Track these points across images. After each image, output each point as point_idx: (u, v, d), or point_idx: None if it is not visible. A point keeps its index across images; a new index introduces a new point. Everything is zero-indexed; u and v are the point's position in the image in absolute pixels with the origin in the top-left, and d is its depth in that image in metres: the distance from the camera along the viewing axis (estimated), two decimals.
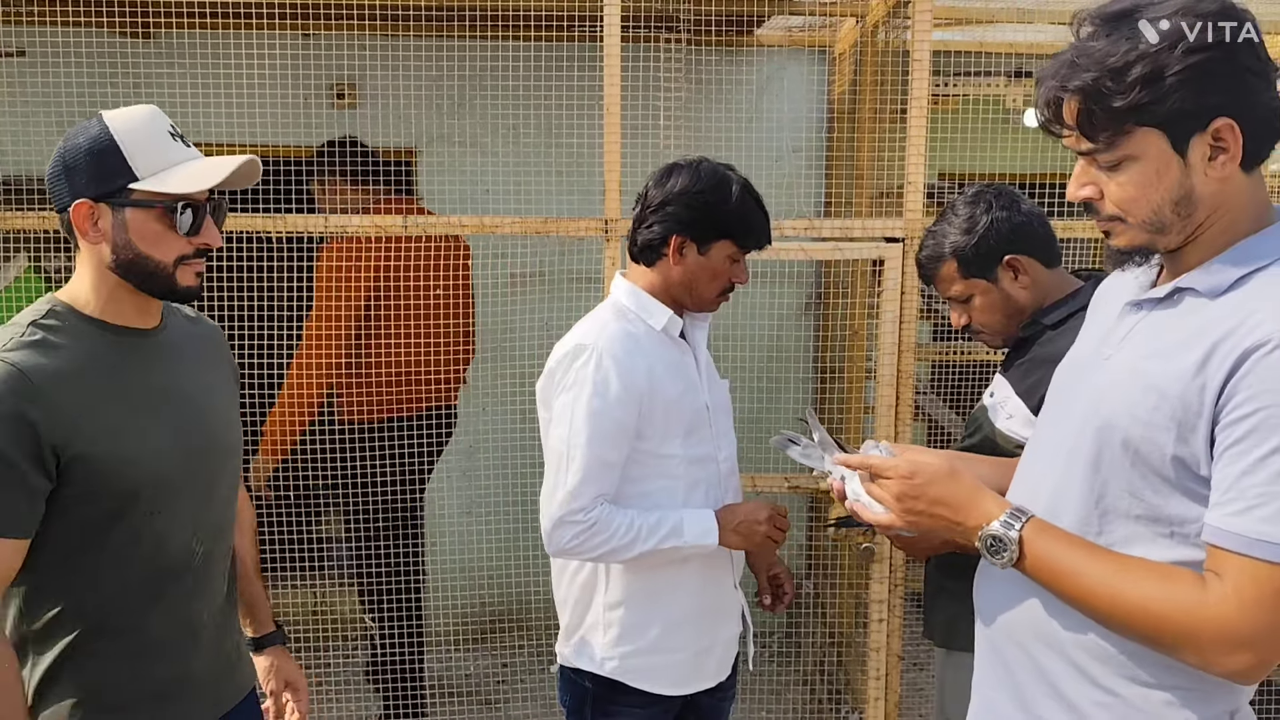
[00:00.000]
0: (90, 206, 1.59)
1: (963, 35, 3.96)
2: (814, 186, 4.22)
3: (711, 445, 2.14)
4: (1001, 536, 1.35)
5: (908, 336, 3.04)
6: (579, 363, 1.99)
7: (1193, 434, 1.25)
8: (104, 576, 1.62)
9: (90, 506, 1.59)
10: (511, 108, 3.98)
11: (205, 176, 1.61)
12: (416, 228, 3.00)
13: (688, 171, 2.05)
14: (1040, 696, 1.41)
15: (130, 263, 1.61)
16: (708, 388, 2.17)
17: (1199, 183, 1.28)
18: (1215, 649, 1.20)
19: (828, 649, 4.00)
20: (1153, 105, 1.24)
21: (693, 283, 2.07)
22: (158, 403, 1.68)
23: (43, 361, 1.55)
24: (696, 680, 2.16)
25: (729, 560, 2.17)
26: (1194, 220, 1.30)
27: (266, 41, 3.42)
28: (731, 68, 4.16)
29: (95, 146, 1.58)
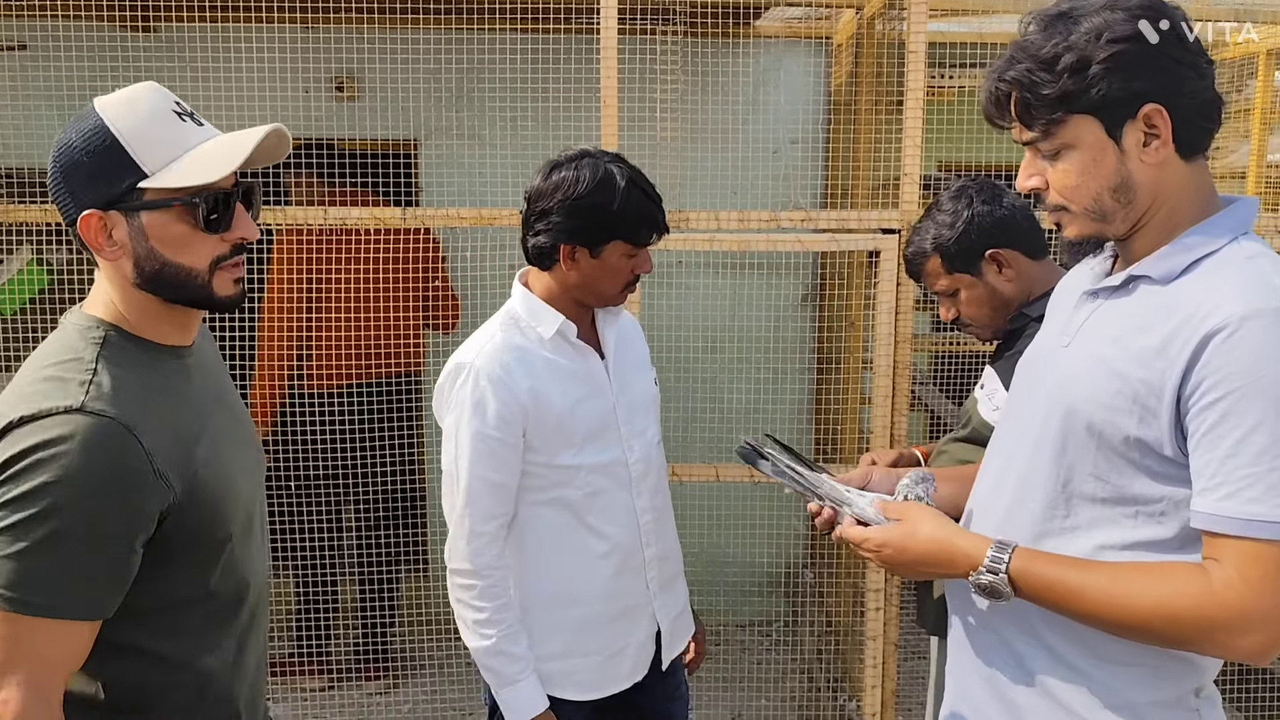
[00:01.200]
0: (100, 217, 1.34)
1: (960, 26, 3.96)
2: (812, 178, 4.23)
3: (619, 449, 2.07)
4: (992, 583, 1.36)
5: (903, 327, 3.06)
6: (458, 383, 1.96)
7: (1154, 417, 1.29)
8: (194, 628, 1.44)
9: (192, 553, 1.40)
10: (510, 100, 4.00)
11: (226, 159, 1.35)
12: (415, 219, 3.02)
13: (569, 172, 1.94)
14: (1013, 680, 1.44)
15: (158, 274, 1.37)
16: (619, 388, 2.09)
17: (1135, 169, 1.33)
18: (1231, 633, 1.22)
19: (825, 637, 4.02)
20: (1081, 93, 1.30)
21: (591, 285, 2.00)
22: (224, 423, 1.50)
23: (131, 406, 1.31)
24: (610, 683, 2.11)
25: (641, 561, 2.11)
26: (1135, 207, 1.36)
27: (267, 34, 3.43)
28: (729, 59, 4.17)
29: (92, 145, 1.33)
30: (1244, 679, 3.55)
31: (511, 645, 1.97)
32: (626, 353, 2.16)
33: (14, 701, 1.27)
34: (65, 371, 1.31)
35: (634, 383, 2.14)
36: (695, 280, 4.23)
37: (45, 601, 1.26)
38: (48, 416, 1.25)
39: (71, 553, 1.25)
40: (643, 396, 2.16)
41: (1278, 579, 1.20)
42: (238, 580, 1.50)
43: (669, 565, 2.20)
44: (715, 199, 4.00)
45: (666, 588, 2.19)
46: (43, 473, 1.23)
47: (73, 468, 1.23)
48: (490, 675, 1.99)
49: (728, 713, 3.80)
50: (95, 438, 1.25)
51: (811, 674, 4.02)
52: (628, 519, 2.09)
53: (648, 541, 2.12)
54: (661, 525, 2.18)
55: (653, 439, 2.18)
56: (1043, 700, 1.41)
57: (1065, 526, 1.39)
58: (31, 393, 1.29)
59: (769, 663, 4.20)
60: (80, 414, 1.26)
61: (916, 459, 2.43)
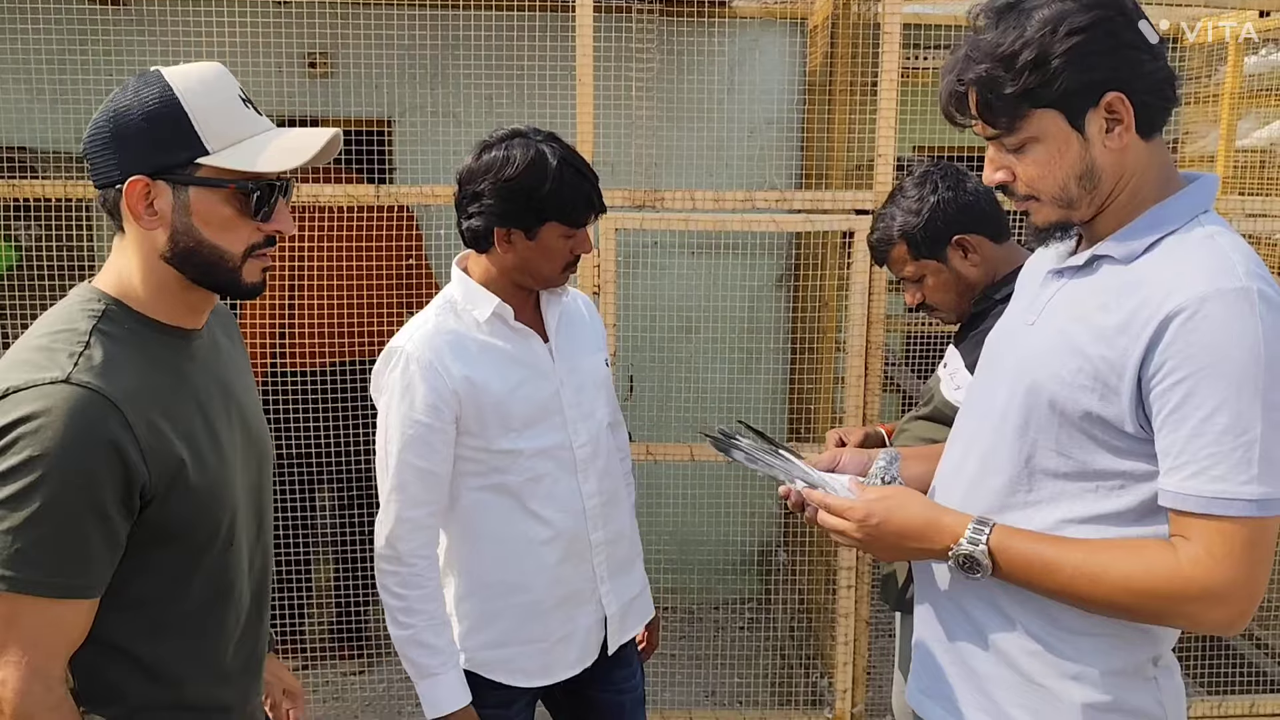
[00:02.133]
0: (147, 184, 1.32)
1: (935, 9, 3.97)
2: (788, 159, 4.24)
3: (563, 433, 2.03)
4: (972, 554, 1.38)
5: (876, 308, 3.08)
6: (389, 368, 1.94)
7: (1115, 395, 1.31)
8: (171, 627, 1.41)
9: (176, 546, 1.37)
10: (485, 78, 3.98)
11: (291, 154, 1.36)
12: (389, 196, 3.00)
13: (499, 152, 1.91)
14: (975, 650, 1.47)
15: (190, 251, 1.35)
16: (565, 371, 2.06)
17: (1099, 155, 1.36)
18: (1199, 607, 1.26)
19: (799, 615, 4.06)
20: (1043, 88, 1.32)
21: (529, 267, 1.97)
22: (226, 414, 1.48)
23: (121, 380, 1.29)
24: (555, 670, 2.08)
25: (587, 546, 2.08)
26: (1100, 191, 1.38)
27: (239, 9, 3.40)
28: (705, 39, 4.16)
29: (156, 111, 1.31)
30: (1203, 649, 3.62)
31: (432, 636, 1.94)
32: (573, 334, 2.12)
33: (12, 680, 1.25)
34: (56, 342, 1.29)
35: (581, 364, 2.10)
36: (670, 261, 4.24)
37: (36, 578, 1.24)
38: (33, 388, 1.24)
39: (59, 527, 1.24)
40: (591, 378, 2.12)
41: (1242, 554, 1.24)
42: (227, 581, 1.46)
43: (620, 549, 2.16)
44: (691, 179, 4.00)
45: (618, 572, 2.15)
46: (27, 447, 1.22)
47: (55, 440, 1.22)
48: (409, 666, 1.96)
49: (702, 690, 3.84)
50: (78, 410, 1.24)
51: (785, 651, 4.06)
52: (572, 503, 2.05)
53: (594, 526, 2.09)
54: (612, 509, 2.14)
55: (602, 420, 2.13)
56: (1003, 669, 1.44)
57: (1028, 500, 1.42)
58: (21, 362, 1.28)
59: (743, 641, 4.24)
60: (65, 384, 1.24)
61: (883, 437, 2.45)
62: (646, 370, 4.23)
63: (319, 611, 4.15)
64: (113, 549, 1.29)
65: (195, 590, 1.41)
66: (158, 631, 1.39)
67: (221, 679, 1.49)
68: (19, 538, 1.23)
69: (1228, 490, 1.23)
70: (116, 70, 3.46)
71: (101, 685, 1.36)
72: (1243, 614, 1.27)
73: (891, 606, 2.40)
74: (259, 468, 1.56)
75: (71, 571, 1.26)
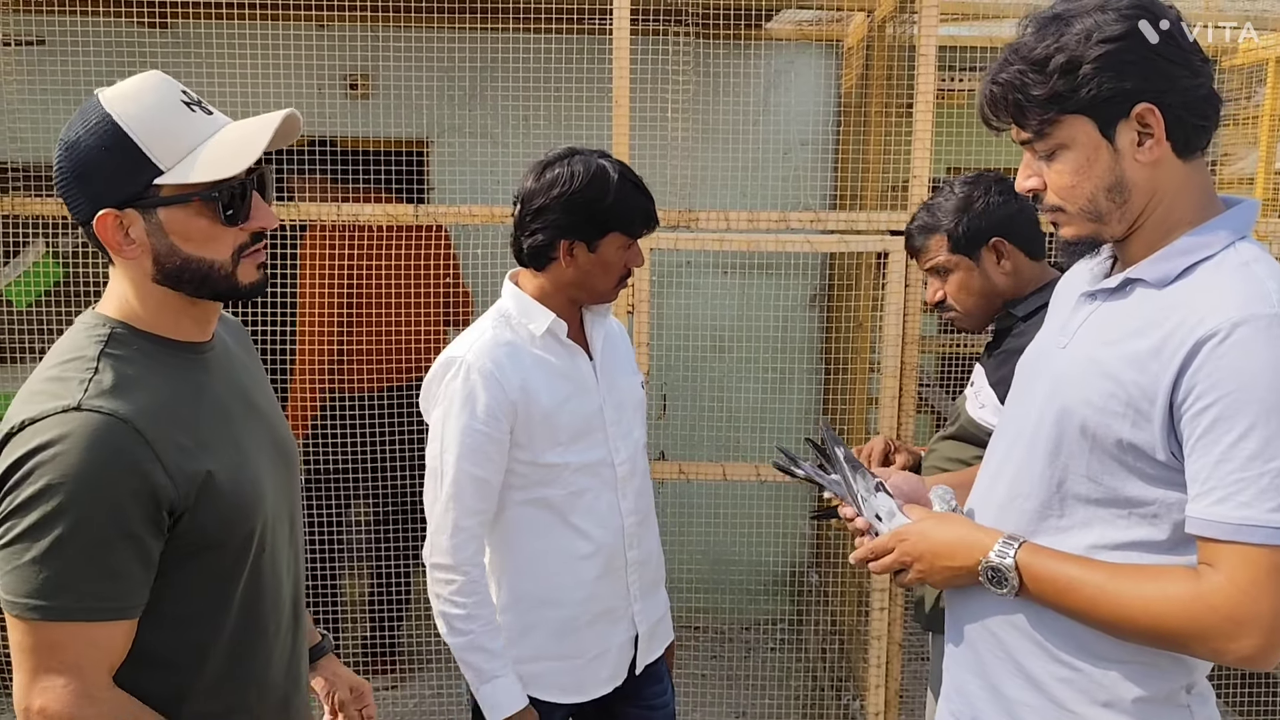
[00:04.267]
0: (116, 216, 1.31)
1: (970, 30, 3.98)
2: (822, 180, 4.25)
3: (605, 449, 2.07)
4: (999, 566, 1.38)
5: (911, 329, 3.07)
6: (449, 377, 1.96)
7: (1147, 421, 1.30)
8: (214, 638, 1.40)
9: (212, 556, 1.37)
10: (522, 99, 4.02)
11: (242, 153, 1.33)
12: (427, 216, 3.04)
13: (561, 169, 1.96)
14: (1006, 675, 1.46)
15: (179, 270, 1.35)
16: (606, 389, 2.10)
17: (1129, 168, 1.34)
18: (1221, 637, 1.23)
19: (830, 637, 4.04)
20: (1072, 93, 1.31)
21: (586, 280, 2.01)
22: (248, 421, 1.47)
23: (135, 401, 1.29)
24: (590, 687, 2.10)
25: (624, 564, 2.11)
26: (1131, 207, 1.36)
27: (281, 32, 3.46)
28: (740, 61, 4.18)
29: (102, 143, 1.29)
30: (1242, 678, 3.56)
31: (490, 641, 1.98)
32: (613, 355, 2.16)
33: (54, 704, 1.25)
34: (67, 371, 1.30)
35: (620, 384, 2.15)
36: (704, 281, 4.25)
37: (69, 604, 1.24)
38: (47, 418, 1.24)
39: (85, 551, 1.24)
40: (630, 398, 2.17)
41: (1268, 583, 1.21)
42: (265, 587, 1.46)
43: (650, 570, 2.19)
44: (725, 199, 4.01)
45: (647, 593, 2.17)
46: (45, 474, 1.22)
47: (73, 466, 1.22)
48: (469, 671, 1.99)
49: (733, 711, 3.82)
50: (93, 434, 1.24)
51: (816, 674, 4.03)
52: (612, 520, 2.08)
53: (630, 544, 2.11)
54: (644, 529, 2.16)
55: (639, 440, 2.18)
56: (1034, 695, 1.43)
57: (1059, 526, 1.40)
58: (35, 394, 1.29)
59: (774, 662, 4.22)
60: (78, 411, 1.25)
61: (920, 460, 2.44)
62: (679, 389, 4.24)
63: (352, 626, 4.17)
64: (146, 567, 1.29)
65: (235, 599, 1.41)
66: (201, 643, 1.39)
67: (266, 686, 1.49)
68: (46, 565, 1.23)
69: (1254, 517, 1.21)
70: None
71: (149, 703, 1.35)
72: (1270, 647, 1.23)
73: (924, 626, 2.39)
74: (287, 472, 1.56)
75: (104, 594, 1.26)
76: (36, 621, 1.24)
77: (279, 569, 1.51)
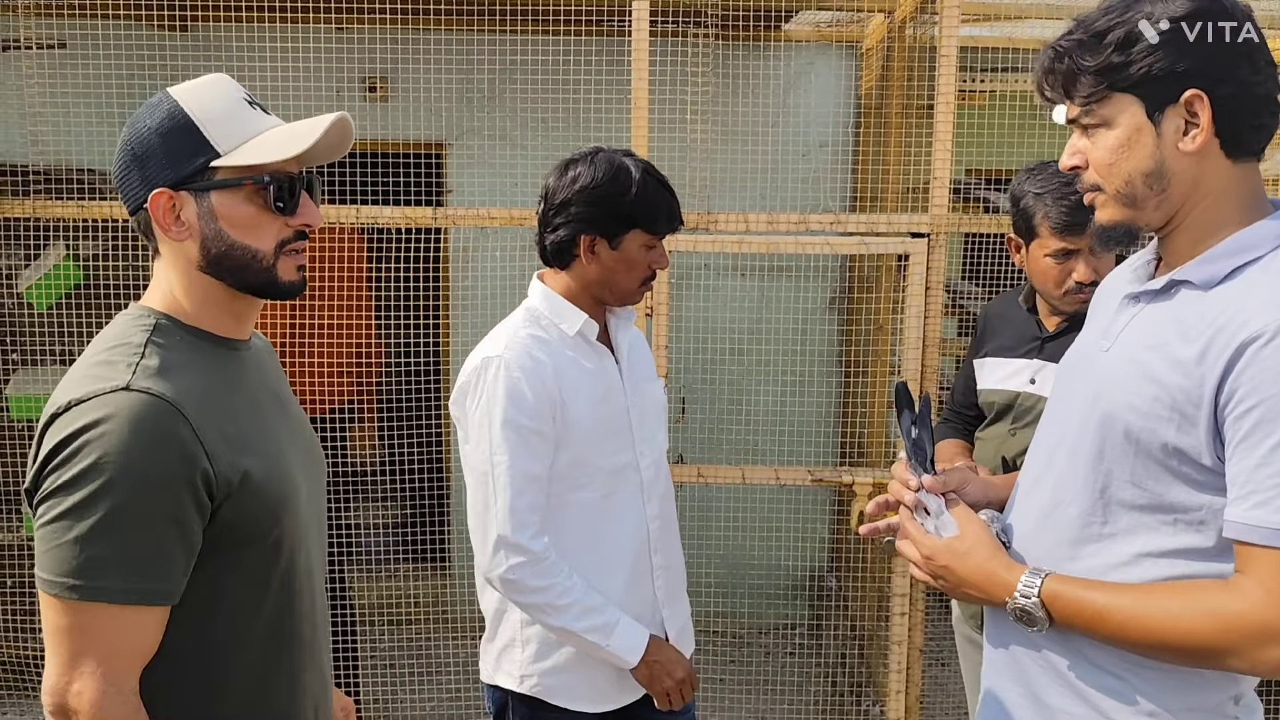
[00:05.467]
0: (170, 196, 1.35)
1: (991, 31, 3.95)
2: (841, 181, 4.23)
3: (631, 453, 2.05)
4: (1025, 607, 1.36)
5: (932, 331, 3.05)
6: (489, 376, 1.92)
7: (1193, 425, 1.27)
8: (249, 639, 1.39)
9: (249, 551, 1.37)
10: (540, 101, 4.02)
11: (295, 140, 1.37)
12: (445, 219, 3.04)
13: (584, 166, 1.96)
14: (1048, 684, 1.42)
15: (223, 256, 1.37)
16: (632, 392, 2.08)
17: (1170, 156, 1.31)
18: (1253, 646, 1.20)
19: (850, 642, 4.01)
20: (1124, 67, 1.29)
21: (610, 278, 1.99)
22: (283, 421, 1.49)
23: (182, 386, 1.30)
24: (620, 695, 2.07)
25: (649, 569, 2.08)
26: (1169, 198, 1.33)
27: (300, 35, 3.47)
28: (759, 62, 4.17)
29: (166, 126, 1.35)
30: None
31: (590, 598, 1.93)
32: (637, 358, 2.15)
33: (88, 692, 1.24)
34: (114, 355, 1.31)
35: (644, 389, 2.13)
36: (721, 283, 4.24)
37: (108, 585, 1.24)
38: (95, 398, 1.25)
39: (129, 532, 1.23)
40: (654, 403, 2.15)
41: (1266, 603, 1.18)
42: (298, 587, 1.45)
43: (673, 575, 2.16)
44: (744, 201, 4.00)
45: (672, 599, 2.15)
46: (91, 452, 1.22)
47: (120, 444, 1.22)
48: (590, 636, 1.92)
49: (752, 716, 3.80)
50: (142, 413, 1.24)
51: (835, 679, 4.01)
52: (638, 526, 2.06)
53: (655, 549, 2.09)
54: (667, 534, 2.14)
55: (662, 445, 2.16)
56: (1076, 703, 1.39)
57: (1103, 533, 1.37)
58: (82, 377, 1.30)
59: (792, 667, 4.19)
60: (126, 392, 1.25)
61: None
62: (697, 392, 4.22)
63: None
64: (187, 551, 1.28)
65: (269, 599, 1.40)
66: (235, 644, 1.38)
67: (299, 690, 1.48)
68: (87, 546, 1.22)
69: (1261, 519, 1.18)
70: None
71: (182, 701, 1.35)
72: None
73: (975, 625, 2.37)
74: (316, 476, 1.57)
75: (145, 576, 1.25)
76: (74, 602, 1.24)
77: (311, 571, 1.49)
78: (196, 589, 1.32)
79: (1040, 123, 3.87)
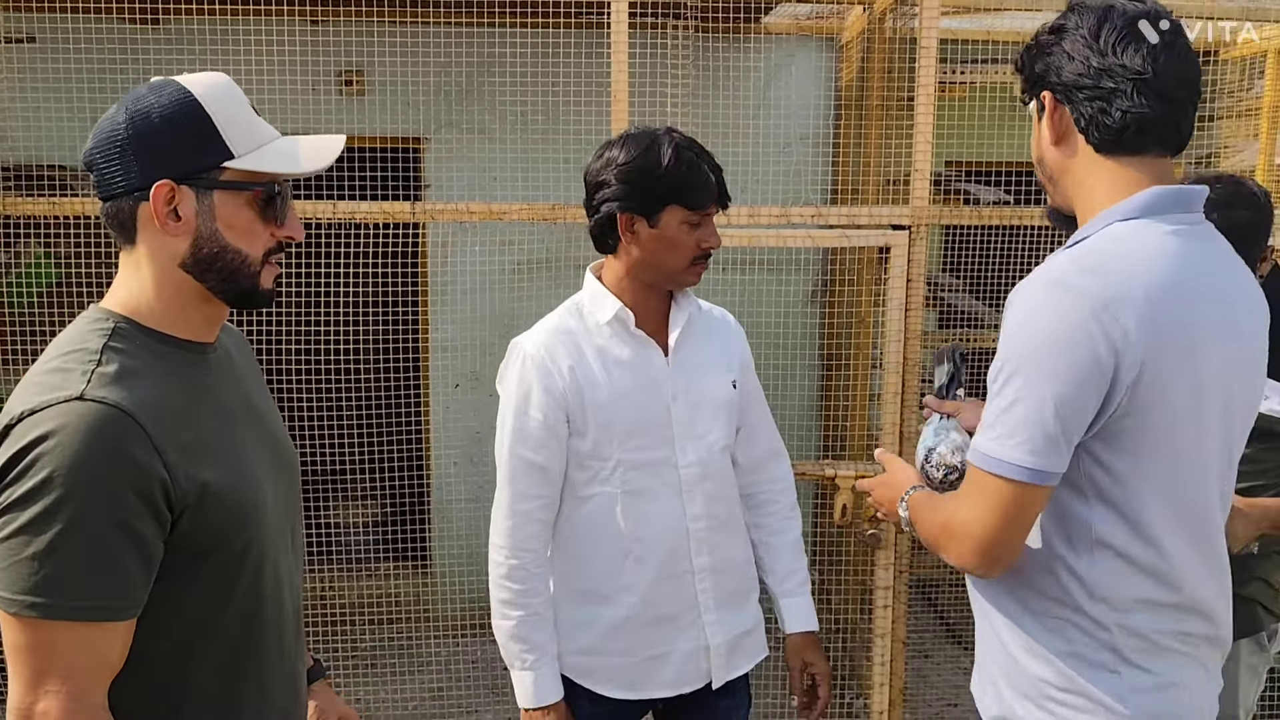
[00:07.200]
0: (172, 189, 1.30)
1: (970, 24, 3.96)
2: (821, 174, 4.23)
3: (669, 449, 1.99)
4: (903, 515, 1.64)
5: (913, 324, 3.05)
6: (508, 363, 2.01)
7: None
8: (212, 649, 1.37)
9: (210, 562, 1.33)
10: (519, 95, 3.99)
11: (314, 157, 1.37)
12: (424, 213, 3.01)
13: (617, 147, 1.94)
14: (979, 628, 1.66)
15: (215, 257, 1.34)
16: (682, 386, 2.01)
17: (1045, 149, 1.52)
18: (958, 547, 1.46)
19: (833, 635, 4.02)
20: (1023, 69, 1.52)
21: (654, 259, 1.95)
22: (250, 427, 1.45)
23: (138, 394, 1.26)
24: (649, 687, 2.04)
25: (689, 569, 2.02)
26: (1054, 182, 1.53)
27: (275, 28, 3.43)
28: (739, 55, 4.16)
29: (177, 115, 1.30)
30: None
31: (531, 631, 1.98)
32: (702, 348, 2.08)
33: (53, 711, 1.21)
34: (69, 362, 1.27)
35: (701, 381, 2.05)
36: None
37: (68, 603, 1.20)
38: (49, 408, 1.21)
39: (86, 547, 1.20)
40: (711, 398, 2.06)
41: (990, 503, 1.42)
42: (265, 597, 1.42)
43: (730, 580, 2.08)
44: None
45: (726, 604, 2.07)
46: (44, 467, 1.19)
47: (73, 457, 1.19)
48: (506, 655, 2.02)
49: None
50: (96, 424, 1.20)
51: None
52: (674, 523, 2.00)
53: (698, 550, 2.02)
54: (720, 535, 2.06)
55: (716, 443, 2.06)
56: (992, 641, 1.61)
57: None
58: (36, 384, 1.26)
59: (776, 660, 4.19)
60: (79, 402, 1.21)
61: None
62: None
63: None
64: (146, 565, 1.25)
65: (233, 608, 1.38)
66: (199, 654, 1.35)
67: (266, 700, 1.46)
68: (46, 562, 1.19)
69: (990, 449, 1.41)
70: None
71: (147, 713, 1.33)
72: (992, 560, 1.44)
73: None
74: (288, 480, 1.53)
75: (104, 592, 1.22)
76: (34, 620, 1.20)
77: (280, 579, 1.46)
78: (156, 599, 1.29)
79: (1019, 115, 3.88)
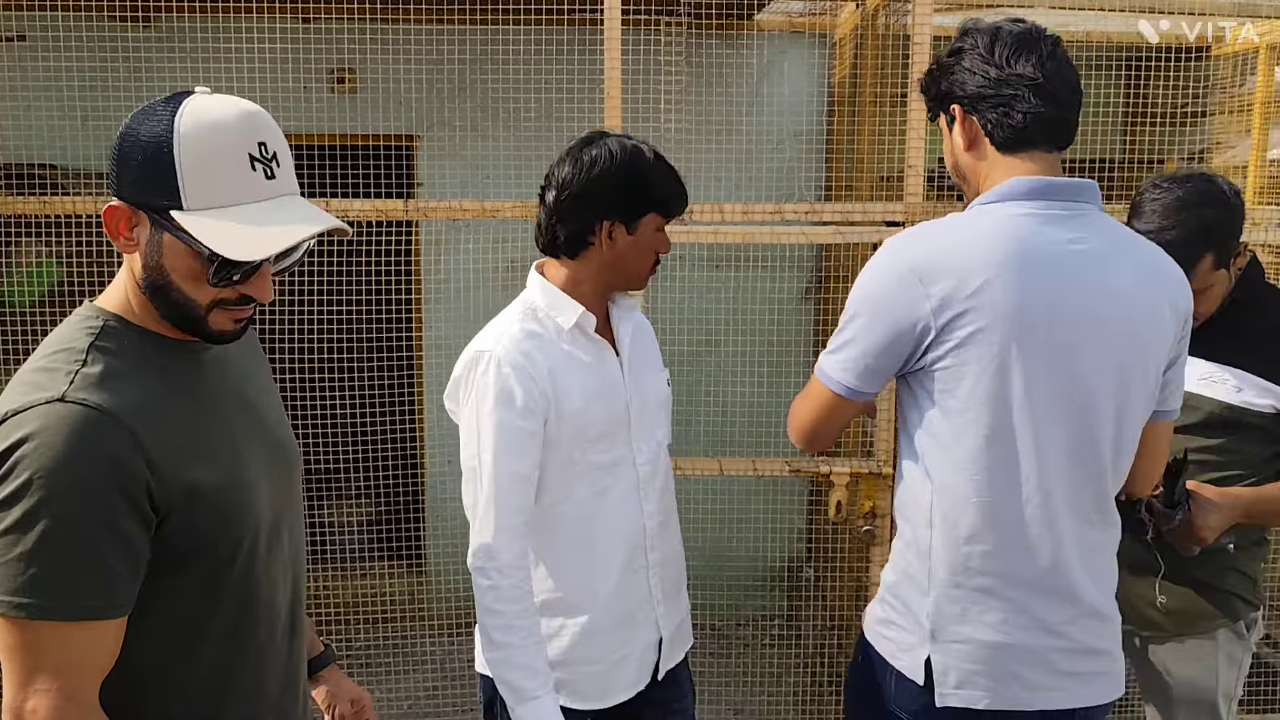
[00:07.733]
0: (130, 211, 1.30)
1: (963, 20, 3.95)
2: (815, 171, 4.23)
3: (627, 448, 2.00)
4: None
5: None
6: (479, 371, 1.88)
7: None
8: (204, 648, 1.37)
9: (200, 562, 1.33)
10: (511, 92, 3.98)
11: (261, 244, 1.28)
12: (418, 211, 3.00)
13: (600, 151, 1.91)
14: None
15: (159, 288, 1.32)
16: (633, 387, 2.03)
17: (959, 154, 1.73)
18: (791, 426, 1.92)
19: (828, 633, 4.02)
20: (928, 89, 1.76)
21: (623, 263, 1.95)
22: (244, 424, 1.44)
23: (123, 395, 1.26)
24: (613, 692, 2.03)
25: (645, 565, 2.03)
26: (968, 182, 1.74)
27: (266, 27, 3.42)
28: (732, 52, 4.16)
29: (149, 146, 1.27)
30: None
31: (532, 656, 1.87)
32: (642, 350, 2.10)
33: (43, 710, 1.21)
34: (54, 362, 1.27)
35: (647, 382, 2.08)
36: (697, 274, 4.22)
37: (54, 604, 1.21)
38: (31, 409, 1.22)
39: (71, 548, 1.21)
40: (655, 397, 2.10)
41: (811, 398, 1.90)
42: (259, 596, 1.42)
43: (672, 571, 2.11)
44: (718, 192, 3.98)
45: (670, 595, 2.10)
46: (26, 468, 1.19)
47: (54, 459, 1.19)
48: (505, 689, 1.88)
49: (730, 709, 3.80)
50: (76, 426, 1.21)
51: (813, 669, 4.01)
52: (634, 522, 2.01)
53: (652, 545, 2.04)
54: (666, 530, 2.09)
55: (662, 440, 2.11)
56: None
57: None
58: (22, 384, 1.26)
59: (771, 658, 4.20)
60: (61, 403, 1.22)
61: None
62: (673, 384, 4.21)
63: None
64: (133, 564, 1.26)
65: (225, 607, 1.37)
66: (190, 653, 1.35)
67: (260, 699, 1.45)
68: (31, 563, 1.20)
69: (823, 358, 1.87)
70: (145, 88, 3.48)
71: (137, 711, 1.33)
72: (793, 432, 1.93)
73: None
74: (286, 477, 1.52)
75: (90, 592, 1.23)
76: (23, 621, 1.21)
77: (274, 576, 1.46)
78: (146, 598, 1.29)
79: None
